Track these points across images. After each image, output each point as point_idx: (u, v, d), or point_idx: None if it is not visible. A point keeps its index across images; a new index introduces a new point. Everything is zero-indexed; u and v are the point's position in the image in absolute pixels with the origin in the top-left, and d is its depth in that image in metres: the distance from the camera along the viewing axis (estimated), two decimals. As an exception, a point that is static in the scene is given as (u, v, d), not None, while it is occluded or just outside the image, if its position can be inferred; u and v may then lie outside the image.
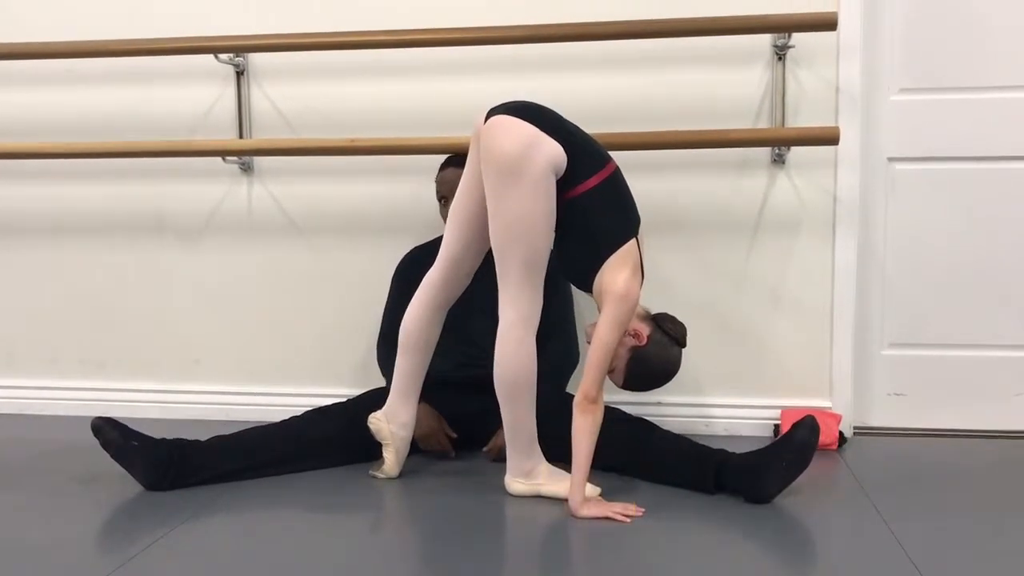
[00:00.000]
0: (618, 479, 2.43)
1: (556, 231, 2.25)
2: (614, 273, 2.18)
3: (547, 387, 2.43)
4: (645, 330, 2.24)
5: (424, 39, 2.75)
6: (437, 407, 2.66)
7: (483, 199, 2.26)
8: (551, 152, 2.14)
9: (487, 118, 2.23)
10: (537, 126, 2.16)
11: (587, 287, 2.25)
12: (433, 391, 2.63)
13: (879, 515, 2.19)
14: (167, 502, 2.31)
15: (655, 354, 2.24)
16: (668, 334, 2.25)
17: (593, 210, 2.20)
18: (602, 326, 2.17)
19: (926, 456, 2.68)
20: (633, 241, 2.22)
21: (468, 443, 2.69)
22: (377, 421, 2.48)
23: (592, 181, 2.20)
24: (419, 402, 2.53)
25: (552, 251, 2.24)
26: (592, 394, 2.16)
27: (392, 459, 2.48)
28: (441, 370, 2.66)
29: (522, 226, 2.16)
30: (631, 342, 2.23)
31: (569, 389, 2.77)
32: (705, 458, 2.35)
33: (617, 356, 2.23)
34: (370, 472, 2.52)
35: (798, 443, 2.21)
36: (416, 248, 2.87)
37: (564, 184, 2.19)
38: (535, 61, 2.90)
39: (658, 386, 2.30)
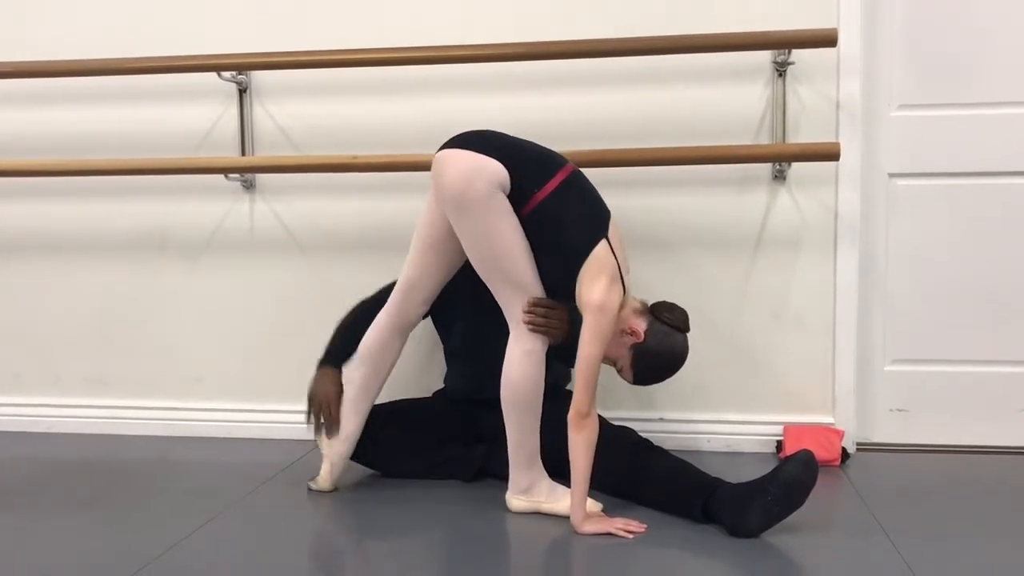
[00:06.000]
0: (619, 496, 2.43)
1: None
2: (590, 284, 2.16)
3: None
4: (641, 325, 2.21)
5: (425, 57, 2.76)
6: (463, 424, 2.67)
7: (442, 227, 2.31)
8: (492, 172, 2.16)
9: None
10: (475, 150, 2.18)
11: (572, 298, 2.24)
12: (462, 408, 2.68)
13: (883, 531, 2.19)
14: (170, 520, 2.32)
15: (657, 345, 2.21)
16: (667, 323, 2.23)
17: (552, 220, 2.20)
18: (584, 340, 2.15)
19: (929, 472, 2.67)
20: (604, 244, 2.18)
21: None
22: (319, 435, 2.52)
23: (546, 190, 2.20)
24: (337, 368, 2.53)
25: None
26: (584, 409, 2.15)
27: (326, 471, 2.51)
28: (468, 389, 2.69)
29: (491, 249, 2.19)
30: (629, 340, 2.21)
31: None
32: (696, 489, 2.26)
33: (620, 356, 2.23)
34: (307, 482, 2.56)
35: (785, 478, 2.12)
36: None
37: (518, 200, 2.20)
38: (536, 78, 2.91)
39: (670, 375, 2.27)
